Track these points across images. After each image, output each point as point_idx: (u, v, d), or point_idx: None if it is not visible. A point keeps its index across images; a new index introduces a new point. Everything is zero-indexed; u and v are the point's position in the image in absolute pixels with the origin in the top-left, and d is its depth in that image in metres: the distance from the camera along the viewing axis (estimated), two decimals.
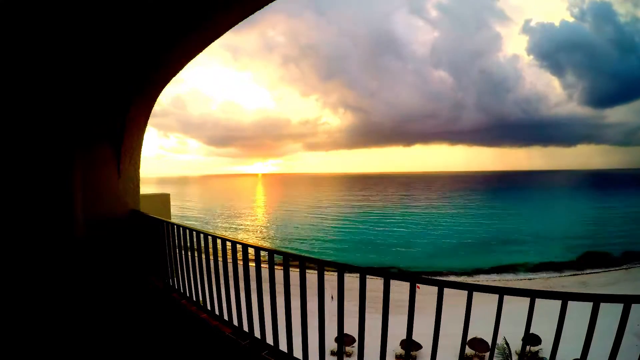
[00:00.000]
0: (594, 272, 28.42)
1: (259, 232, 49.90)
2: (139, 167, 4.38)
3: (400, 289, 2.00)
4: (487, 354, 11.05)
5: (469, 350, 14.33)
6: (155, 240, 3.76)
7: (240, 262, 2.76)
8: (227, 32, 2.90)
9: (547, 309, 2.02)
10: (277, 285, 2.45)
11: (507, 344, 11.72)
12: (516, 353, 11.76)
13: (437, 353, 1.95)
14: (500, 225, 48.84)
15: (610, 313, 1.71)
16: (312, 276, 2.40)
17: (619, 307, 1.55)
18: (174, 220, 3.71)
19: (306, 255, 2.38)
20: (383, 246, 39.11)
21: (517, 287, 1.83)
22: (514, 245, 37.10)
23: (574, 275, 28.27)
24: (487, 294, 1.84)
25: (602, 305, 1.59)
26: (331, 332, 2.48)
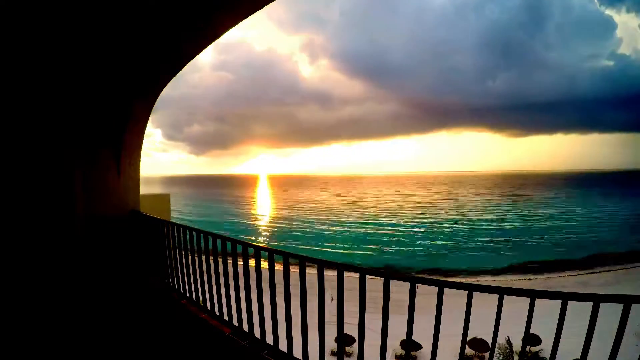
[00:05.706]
0: (594, 272, 28.41)
1: None
2: (139, 167, 4.39)
3: (400, 289, 2.01)
4: (487, 354, 11.04)
5: (469, 350, 14.33)
6: (155, 240, 3.76)
7: (240, 262, 2.76)
8: None
9: (547, 309, 2.03)
10: (277, 285, 2.45)
11: (509, 343, 11.71)
12: (516, 353, 11.76)
13: (437, 353, 1.95)
14: None
15: (610, 313, 1.71)
16: (312, 276, 2.40)
17: (619, 307, 1.55)
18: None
19: (306, 255, 2.37)
20: None
21: (517, 287, 1.83)
22: None
23: (574, 275, 28.26)
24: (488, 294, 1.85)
25: (602, 305, 1.59)
26: (331, 332, 2.47)
